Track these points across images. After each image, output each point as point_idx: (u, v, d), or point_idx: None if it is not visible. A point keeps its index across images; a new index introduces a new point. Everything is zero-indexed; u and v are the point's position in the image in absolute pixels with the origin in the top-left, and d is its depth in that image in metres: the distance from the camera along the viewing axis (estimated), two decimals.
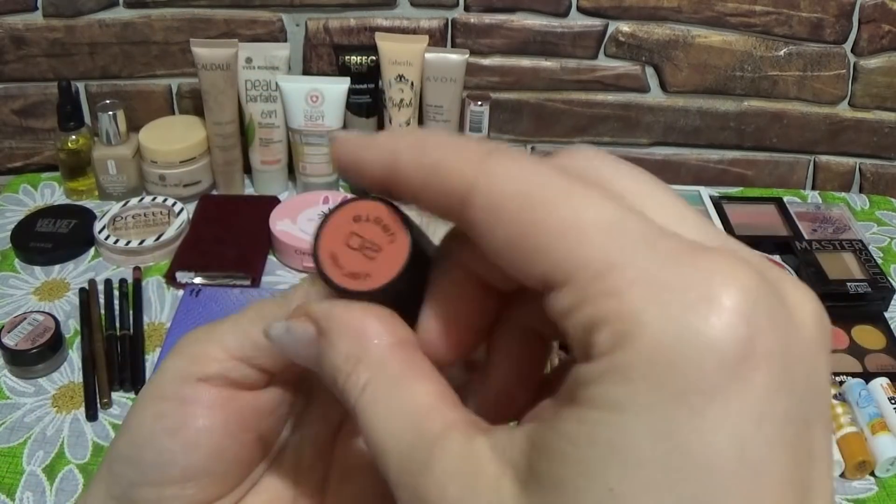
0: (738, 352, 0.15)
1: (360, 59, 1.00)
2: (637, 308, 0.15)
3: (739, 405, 0.15)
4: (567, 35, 1.01)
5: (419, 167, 0.19)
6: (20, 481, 0.66)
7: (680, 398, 0.15)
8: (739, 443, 0.15)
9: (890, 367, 0.80)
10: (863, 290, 0.87)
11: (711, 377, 0.15)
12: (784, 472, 0.15)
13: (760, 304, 0.15)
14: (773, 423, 0.15)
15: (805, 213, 1.02)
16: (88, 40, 1.00)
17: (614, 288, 0.16)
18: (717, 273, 0.15)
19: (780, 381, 0.15)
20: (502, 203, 0.17)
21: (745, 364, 0.15)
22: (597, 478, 0.15)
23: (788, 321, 0.16)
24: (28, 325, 0.77)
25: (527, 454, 0.17)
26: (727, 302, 0.15)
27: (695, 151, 1.11)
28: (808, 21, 1.00)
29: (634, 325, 0.15)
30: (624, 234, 0.16)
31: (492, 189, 0.17)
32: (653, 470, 0.15)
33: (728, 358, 0.15)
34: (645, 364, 0.15)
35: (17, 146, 1.07)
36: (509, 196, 0.17)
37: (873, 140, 1.10)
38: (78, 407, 0.73)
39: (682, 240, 0.16)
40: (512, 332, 0.22)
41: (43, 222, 0.94)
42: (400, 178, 0.19)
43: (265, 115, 0.99)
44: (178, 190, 0.99)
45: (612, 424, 0.15)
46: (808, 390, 0.16)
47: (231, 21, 1.00)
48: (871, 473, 0.70)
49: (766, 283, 0.16)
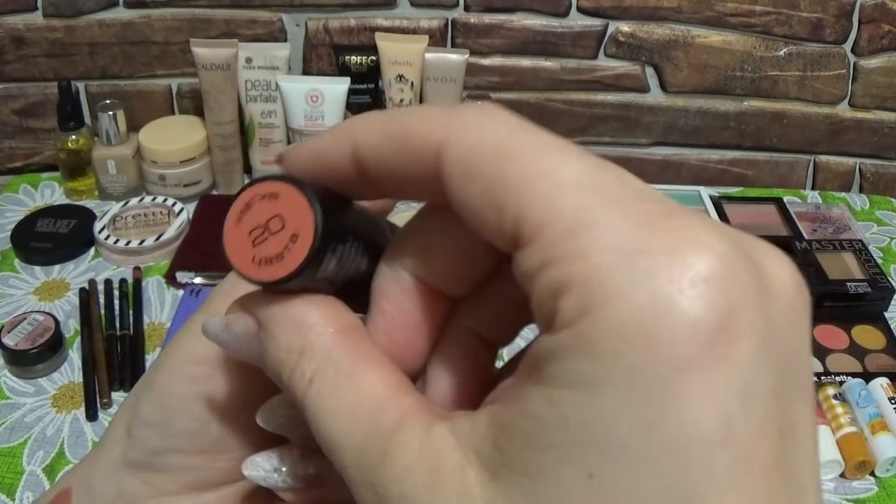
0: (716, 323, 0.14)
1: (360, 59, 1.00)
2: (605, 273, 0.14)
3: (721, 381, 0.14)
4: (567, 35, 1.01)
5: (385, 137, 0.18)
6: (20, 481, 0.67)
7: (656, 375, 0.14)
8: (724, 421, 0.14)
9: (890, 367, 0.80)
10: (863, 290, 0.87)
11: (689, 352, 0.14)
12: (771, 450, 0.14)
13: (738, 272, 0.14)
14: (757, 399, 0.14)
15: (805, 213, 1.02)
16: (88, 40, 1.00)
17: (582, 249, 0.15)
18: (692, 239, 0.14)
19: (762, 354, 0.14)
20: (476, 155, 0.16)
21: (725, 336, 0.14)
22: (574, 463, 0.14)
23: (767, 290, 0.15)
24: (28, 325, 0.77)
25: (492, 439, 0.16)
26: (703, 269, 0.14)
27: (695, 151, 1.11)
28: (808, 21, 1.00)
29: (602, 292, 0.14)
30: (600, 193, 0.15)
31: (465, 141, 0.16)
32: (634, 453, 0.14)
33: (706, 330, 0.14)
34: (614, 336, 0.14)
35: (17, 146, 1.07)
36: (483, 148, 0.16)
37: (873, 140, 1.10)
38: (78, 407, 0.73)
39: (659, 202, 0.15)
40: (456, 339, 0.20)
41: (43, 222, 0.94)
42: (365, 157, 0.18)
43: (265, 115, 0.99)
44: (178, 190, 0.99)
45: (585, 405, 0.14)
46: (789, 363, 0.15)
47: (231, 21, 1.00)
48: (871, 473, 0.70)
49: (741, 251, 0.15)
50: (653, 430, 0.14)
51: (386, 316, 0.20)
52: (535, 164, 0.16)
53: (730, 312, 0.14)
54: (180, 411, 0.22)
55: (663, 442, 0.14)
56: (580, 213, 0.15)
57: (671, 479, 0.14)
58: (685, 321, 0.14)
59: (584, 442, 0.14)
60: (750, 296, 0.14)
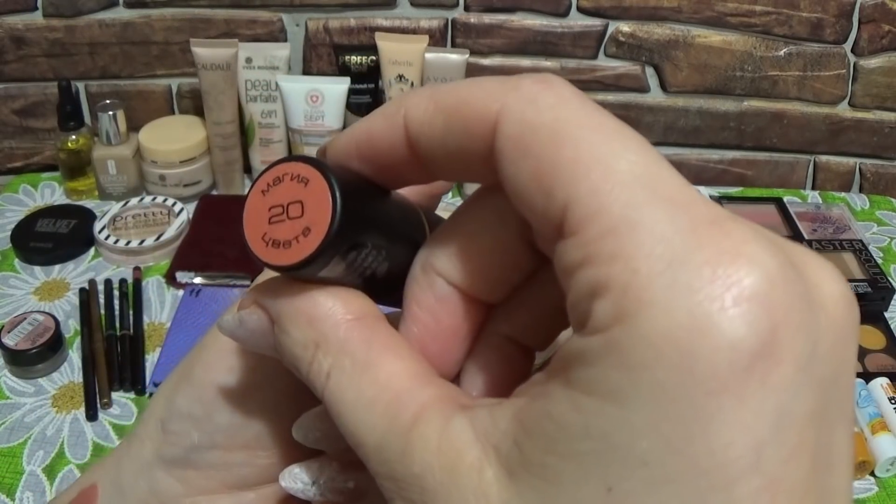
0: (756, 347, 0.13)
1: (360, 59, 1.00)
2: (644, 281, 0.13)
3: (756, 407, 0.13)
4: (567, 35, 1.01)
5: (438, 112, 0.17)
6: (20, 481, 0.66)
7: (687, 395, 0.13)
8: (755, 448, 0.13)
9: (890, 367, 0.80)
10: (863, 290, 0.87)
11: (724, 374, 0.13)
12: (803, 480, 0.14)
13: (785, 290, 0.13)
14: (792, 425, 0.13)
15: (805, 213, 1.02)
16: (88, 40, 1.00)
17: (624, 250, 0.14)
18: (738, 251, 0.13)
19: (802, 379, 0.13)
20: (531, 132, 0.15)
21: (765, 359, 0.13)
22: (594, 475, 0.14)
23: (815, 309, 0.14)
24: (28, 325, 0.77)
25: (513, 436, 0.15)
26: (747, 286, 0.13)
27: (695, 151, 1.11)
28: (808, 21, 1.00)
29: (638, 300, 0.13)
30: (652, 189, 0.14)
31: (521, 117, 0.15)
32: (655, 472, 0.13)
33: (745, 354, 0.13)
34: (646, 349, 0.13)
35: (17, 146, 1.07)
36: (538, 125, 0.15)
37: (873, 140, 1.10)
38: (78, 407, 0.73)
39: (708, 206, 0.14)
40: (491, 345, 0.20)
41: (43, 222, 0.93)
42: (417, 133, 0.17)
43: (265, 115, 0.99)
44: (178, 190, 0.99)
45: (610, 416, 0.14)
46: (832, 387, 0.14)
47: (231, 21, 1.00)
48: (871, 473, 0.70)
49: (790, 265, 0.14)
50: (677, 452, 0.13)
51: (419, 325, 0.19)
52: (590, 150, 0.15)
53: (772, 335, 0.13)
54: (221, 404, 0.21)
55: (687, 464, 0.13)
56: (627, 210, 0.14)
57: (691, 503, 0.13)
58: (723, 343, 0.13)
59: (605, 454, 0.14)
60: (795, 317, 0.13)
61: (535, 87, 0.16)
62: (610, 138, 0.15)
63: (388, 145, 0.18)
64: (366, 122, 0.18)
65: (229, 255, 0.89)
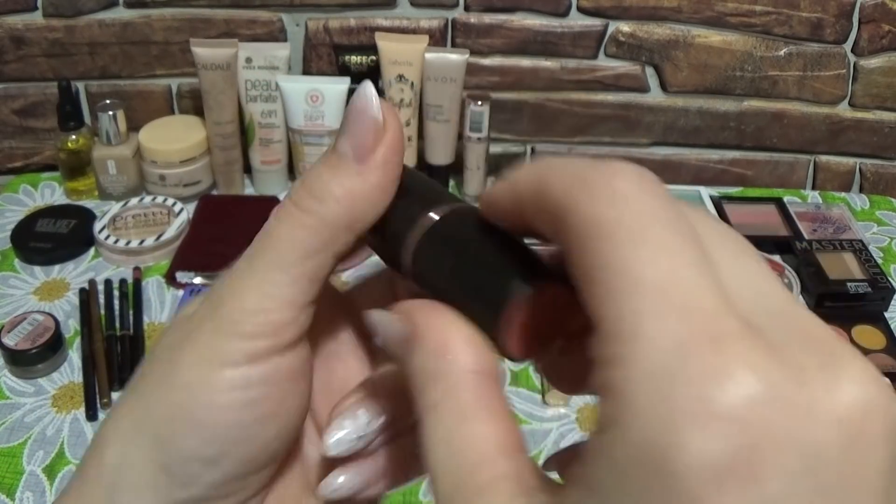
0: (730, 463, 0.13)
1: (360, 59, 1.00)
2: (632, 393, 0.14)
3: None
4: (567, 35, 1.01)
5: (529, 184, 0.18)
6: (20, 481, 0.66)
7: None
8: None
9: (890, 367, 0.80)
10: (863, 290, 0.87)
11: (698, 491, 0.13)
12: None
13: (771, 407, 0.14)
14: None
15: (805, 213, 1.02)
16: (88, 40, 1.00)
17: (625, 358, 0.15)
18: (726, 369, 0.14)
19: (795, 491, 0.13)
20: (589, 229, 0.16)
21: (740, 477, 0.13)
22: None
23: (812, 422, 0.14)
24: (28, 325, 0.77)
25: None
26: (724, 403, 0.13)
27: (695, 151, 1.11)
28: (808, 21, 1.00)
29: (623, 412, 0.14)
30: (666, 298, 0.15)
31: (584, 212, 0.16)
32: None
33: (719, 469, 0.13)
34: (627, 460, 0.14)
35: (17, 146, 1.07)
36: (595, 223, 0.16)
37: (873, 140, 1.10)
38: (78, 407, 0.73)
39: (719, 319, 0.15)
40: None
41: (43, 222, 0.94)
42: (519, 200, 0.19)
43: (265, 115, 0.99)
44: (178, 190, 0.99)
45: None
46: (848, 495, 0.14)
47: (231, 21, 1.00)
48: None
49: (787, 380, 0.14)
50: None
51: None
52: (625, 254, 0.15)
53: (749, 453, 0.13)
54: (238, 441, 0.21)
55: None
56: (636, 318, 0.15)
57: None
58: (694, 461, 0.13)
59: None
60: (780, 433, 0.13)
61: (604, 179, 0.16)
62: (647, 242, 0.15)
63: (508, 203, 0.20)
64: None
65: (229, 255, 0.88)
